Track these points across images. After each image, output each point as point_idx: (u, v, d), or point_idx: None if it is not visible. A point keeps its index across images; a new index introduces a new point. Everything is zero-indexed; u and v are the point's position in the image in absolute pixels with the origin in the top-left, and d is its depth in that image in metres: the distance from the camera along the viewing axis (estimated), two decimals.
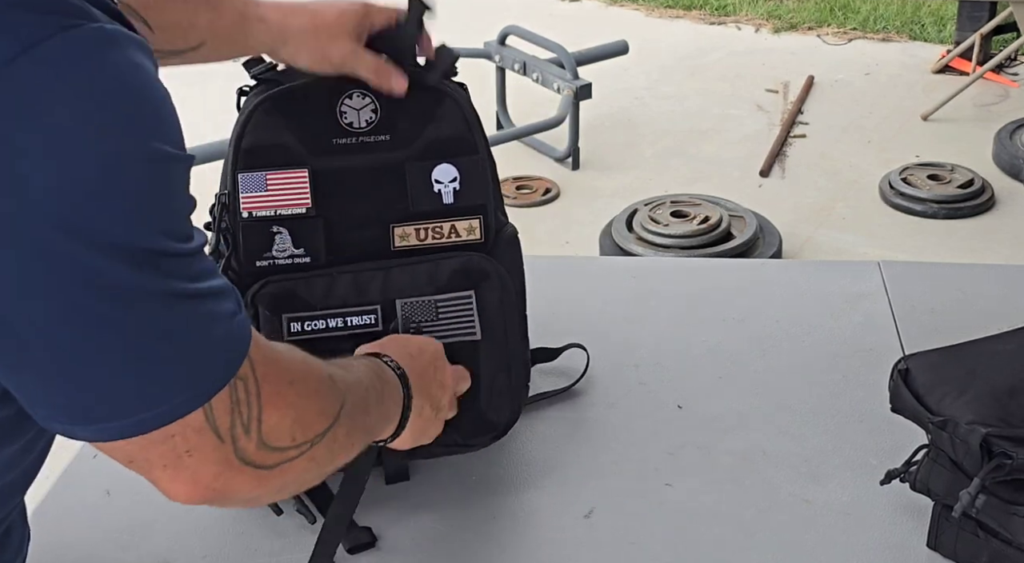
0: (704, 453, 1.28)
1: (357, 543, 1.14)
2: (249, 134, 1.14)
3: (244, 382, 0.78)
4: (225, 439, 0.77)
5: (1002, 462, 1.02)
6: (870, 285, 1.58)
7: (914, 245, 3.69)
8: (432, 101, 1.17)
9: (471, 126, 1.18)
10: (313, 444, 0.84)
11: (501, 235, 1.22)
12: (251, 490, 0.82)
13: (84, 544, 1.17)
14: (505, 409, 1.21)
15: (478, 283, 1.18)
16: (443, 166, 1.17)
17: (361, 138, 1.15)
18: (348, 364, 0.97)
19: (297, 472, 0.84)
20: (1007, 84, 4.84)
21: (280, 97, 1.14)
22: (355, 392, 0.92)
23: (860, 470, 1.24)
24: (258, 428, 0.79)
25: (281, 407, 0.81)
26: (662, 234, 3.52)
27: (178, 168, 0.74)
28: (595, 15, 5.97)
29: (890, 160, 4.18)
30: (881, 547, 1.14)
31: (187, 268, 0.75)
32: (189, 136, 0.78)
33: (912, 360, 1.16)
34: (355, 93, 1.15)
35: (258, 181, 1.14)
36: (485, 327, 1.18)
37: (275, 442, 0.81)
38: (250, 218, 1.13)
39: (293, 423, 0.82)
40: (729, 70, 5.16)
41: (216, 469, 0.78)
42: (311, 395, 0.84)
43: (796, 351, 1.45)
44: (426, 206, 1.17)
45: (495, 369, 1.19)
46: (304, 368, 0.86)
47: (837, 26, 5.62)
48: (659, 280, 1.63)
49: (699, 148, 4.44)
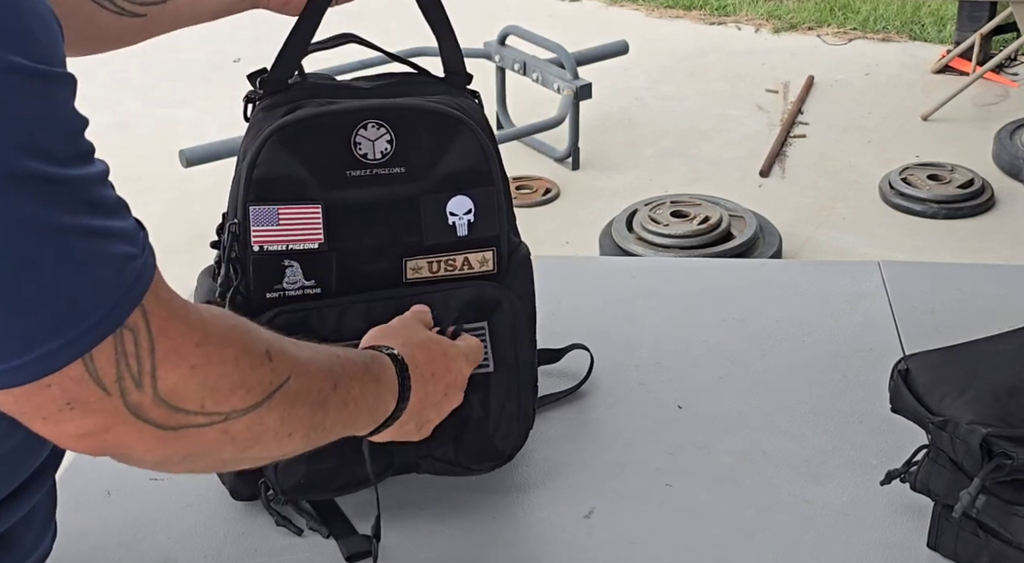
0: (704, 453, 1.28)
1: (356, 551, 1.14)
2: (261, 165, 1.10)
3: (134, 333, 0.72)
4: (112, 391, 0.73)
5: (1002, 462, 1.02)
6: (870, 285, 1.58)
7: (914, 245, 3.69)
8: (449, 130, 1.14)
9: (488, 156, 1.16)
10: (228, 418, 0.79)
11: (515, 257, 1.20)
12: (151, 449, 0.77)
13: (84, 544, 1.17)
14: (513, 436, 1.20)
15: (490, 314, 1.17)
16: (458, 198, 1.15)
17: (376, 170, 1.13)
18: (318, 350, 0.91)
19: (207, 443, 0.79)
20: (1007, 84, 4.83)
21: (293, 127, 1.11)
22: (307, 380, 0.86)
23: (860, 470, 1.24)
24: (152, 384, 0.74)
25: (182, 367, 0.75)
26: (662, 234, 3.52)
27: (49, 86, 0.68)
28: (595, 15, 5.97)
29: (890, 160, 4.18)
30: (881, 547, 1.14)
31: (70, 195, 0.69)
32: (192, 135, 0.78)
33: (912, 360, 1.16)
34: (370, 123, 1.12)
35: (270, 215, 1.11)
36: (498, 357, 1.17)
37: (178, 402, 0.76)
38: (261, 252, 1.11)
39: (200, 387, 0.77)
40: (729, 70, 5.16)
41: (103, 421, 0.73)
42: (226, 363, 0.78)
43: (796, 351, 1.45)
44: (439, 239, 1.15)
45: (505, 397, 1.18)
46: (225, 334, 0.80)
47: (837, 26, 5.61)
48: (659, 280, 1.63)
49: (699, 148, 4.44)
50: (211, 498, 1.23)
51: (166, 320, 0.75)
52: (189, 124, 4.57)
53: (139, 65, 5.25)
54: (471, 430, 1.17)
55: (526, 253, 1.23)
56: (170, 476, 1.25)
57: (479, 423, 1.17)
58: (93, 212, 0.70)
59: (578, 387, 1.37)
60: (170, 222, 3.94)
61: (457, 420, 1.14)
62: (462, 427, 1.16)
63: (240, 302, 1.11)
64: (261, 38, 1.84)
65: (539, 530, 1.18)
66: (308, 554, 1.15)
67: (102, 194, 0.72)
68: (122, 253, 0.72)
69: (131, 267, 0.72)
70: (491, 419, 1.18)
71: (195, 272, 1.52)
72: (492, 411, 1.18)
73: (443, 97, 1.17)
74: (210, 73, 5.12)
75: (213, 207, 1.21)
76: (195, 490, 1.24)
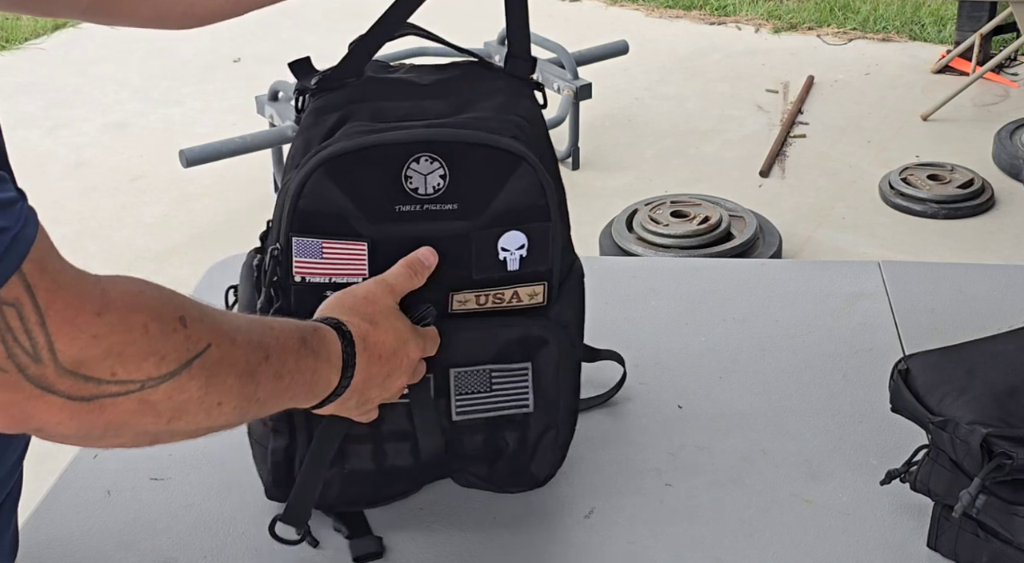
0: (704, 453, 1.28)
1: (364, 552, 1.14)
2: (307, 196, 1.05)
3: (16, 308, 0.72)
4: (6, 367, 0.73)
5: (1002, 462, 1.03)
6: (870, 285, 1.58)
7: (914, 245, 3.69)
8: (507, 166, 1.08)
9: (546, 191, 1.09)
10: (144, 386, 0.78)
11: (569, 278, 1.15)
12: (64, 422, 0.76)
13: (84, 544, 1.17)
14: (548, 463, 1.19)
15: (535, 353, 1.12)
16: (512, 233, 1.09)
17: (426, 206, 1.06)
18: (251, 322, 0.91)
19: (126, 414, 0.79)
20: (1007, 84, 4.84)
21: (341, 158, 1.05)
22: (230, 349, 0.85)
23: (860, 470, 1.24)
24: (52, 356, 0.74)
25: (81, 338, 0.75)
26: (662, 234, 3.52)
27: None
28: (595, 15, 5.97)
29: (890, 160, 4.18)
30: (881, 547, 1.14)
31: None
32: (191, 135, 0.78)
33: (912, 360, 1.16)
34: (423, 156, 1.06)
35: (314, 248, 1.06)
36: (539, 396, 1.14)
37: (86, 372, 0.75)
38: (303, 282, 1.07)
39: (107, 355, 0.76)
40: (729, 70, 5.16)
41: (5, 396, 0.74)
42: (133, 330, 0.77)
43: (796, 351, 1.45)
44: (489, 273, 1.09)
45: (543, 430, 1.16)
46: (129, 301, 0.78)
47: (837, 26, 5.61)
48: (659, 280, 1.63)
49: (699, 148, 4.44)
50: (211, 498, 1.23)
51: (53, 292, 0.74)
52: (189, 124, 4.57)
53: (138, 65, 5.26)
54: (505, 460, 1.16)
55: (580, 273, 1.18)
56: (170, 476, 1.26)
57: (515, 454, 1.16)
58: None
59: (610, 396, 1.35)
60: (170, 222, 3.95)
61: (493, 451, 1.14)
62: (496, 457, 1.15)
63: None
64: (260, 38, 1.84)
65: (539, 530, 1.18)
66: (308, 554, 1.15)
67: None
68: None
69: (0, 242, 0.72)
70: (527, 451, 1.16)
71: (196, 272, 1.52)
72: (529, 445, 1.16)
73: (503, 116, 1.11)
74: (210, 73, 5.12)
75: (213, 207, 1.21)
76: (195, 490, 1.24)
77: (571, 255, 1.17)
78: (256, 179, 4.01)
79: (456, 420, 1.13)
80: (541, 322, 1.12)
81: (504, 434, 1.14)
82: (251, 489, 1.22)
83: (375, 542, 1.15)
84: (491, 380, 1.12)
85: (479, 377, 1.12)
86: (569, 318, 1.16)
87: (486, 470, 1.17)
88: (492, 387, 1.12)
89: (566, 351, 1.14)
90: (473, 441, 1.15)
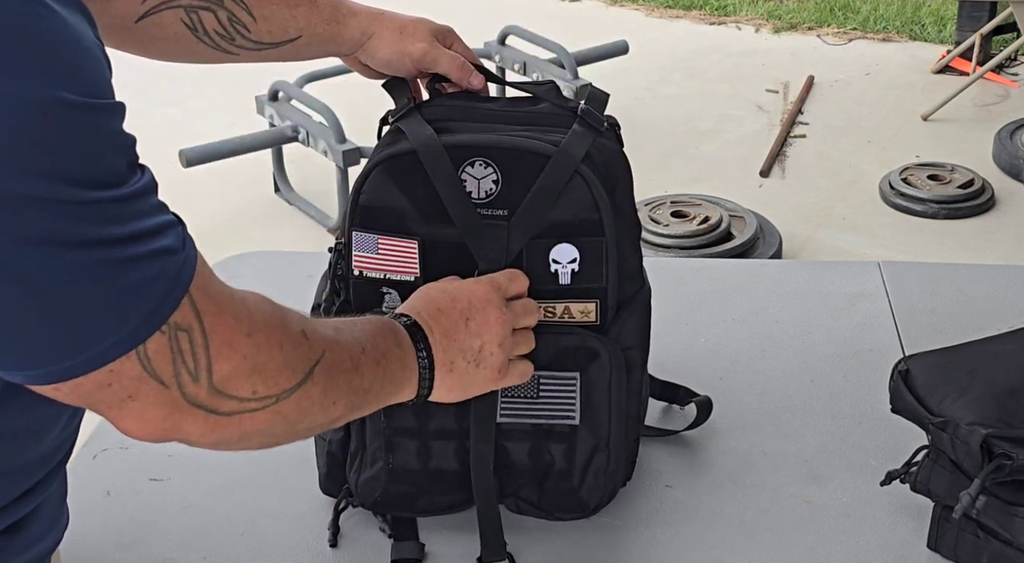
0: (704, 453, 1.28)
1: (403, 557, 1.14)
2: (367, 192, 1.10)
3: (188, 333, 0.78)
4: (170, 385, 0.78)
5: (1002, 463, 1.03)
6: (870, 285, 1.58)
7: (914, 245, 3.69)
8: (560, 177, 1.08)
9: (600, 207, 1.09)
10: (279, 399, 0.84)
11: (633, 303, 1.15)
12: (206, 433, 0.82)
13: (84, 544, 1.17)
14: (599, 490, 1.15)
15: (586, 365, 1.12)
16: (563, 246, 1.10)
17: (478, 210, 1.09)
18: (341, 323, 0.96)
19: (261, 424, 0.84)
20: (1007, 84, 4.83)
21: (399, 159, 1.10)
22: (338, 351, 0.91)
23: (860, 471, 1.24)
24: (208, 377, 0.79)
25: (234, 358, 0.81)
26: (662, 234, 3.52)
27: (93, 117, 0.73)
28: (595, 15, 5.97)
29: (890, 160, 4.18)
30: (881, 548, 1.14)
31: (106, 213, 0.73)
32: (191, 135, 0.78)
33: (912, 361, 1.16)
34: (477, 161, 1.09)
35: (370, 243, 1.11)
36: (586, 410, 1.13)
37: (231, 391, 0.81)
38: (360, 277, 1.12)
39: (251, 374, 0.82)
40: (729, 70, 5.16)
41: (163, 412, 0.79)
42: (273, 348, 0.83)
43: (796, 351, 1.45)
44: (540, 285, 1.10)
45: (592, 451, 1.14)
46: (268, 320, 0.84)
47: (837, 26, 5.61)
48: (659, 280, 1.63)
49: (699, 148, 4.44)
50: (211, 498, 1.23)
51: (217, 316, 0.80)
52: (189, 124, 4.57)
53: (138, 65, 5.25)
54: (553, 479, 1.15)
55: (647, 297, 1.18)
56: (170, 476, 1.26)
57: (562, 473, 1.14)
58: (133, 220, 0.75)
59: (688, 429, 1.30)
60: None
61: (539, 466, 1.14)
62: (544, 474, 1.15)
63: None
64: None
65: (539, 530, 1.18)
66: (309, 555, 1.15)
67: (144, 202, 0.76)
68: (163, 250, 0.76)
69: (172, 263, 0.77)
70: (576, 471, 1.14)
71: None
72: (577, 464, 1.14)
73: (564, 134, 1.12)
74: (210, 73, 5.11)
75: (213, 207, 1.21)
76: (195, 490, 1.24)
77: (637, 282, 1.17)
78: (256, 179, 4.00)
79: (500, 422, 1.12)
80: (597, 336, 1.12)
81: (550, 447, 1.13)
82: (251, 489, 1.22)
83: (417, 548, 1.15)
84: (539, 386, 1.12)
85: (527, 383, 1.11)
86: (629, 343, 1.15)
87: (536, 494, 1.15)
88: (539, 394, 1.13)
89: (619, 370, 1.13)
90: (518, 451, 1.14)
